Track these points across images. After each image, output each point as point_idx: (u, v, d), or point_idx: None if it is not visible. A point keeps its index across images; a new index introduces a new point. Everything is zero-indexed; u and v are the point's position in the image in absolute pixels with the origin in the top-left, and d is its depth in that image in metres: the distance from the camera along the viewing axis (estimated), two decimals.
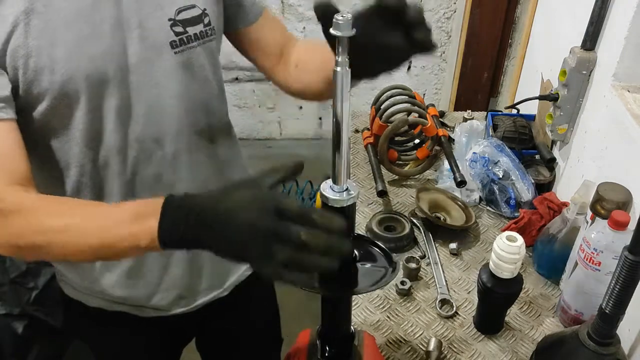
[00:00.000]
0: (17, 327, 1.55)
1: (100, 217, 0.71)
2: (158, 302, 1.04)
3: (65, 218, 0.71)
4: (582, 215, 1.14)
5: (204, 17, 0.90)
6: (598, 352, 0.89)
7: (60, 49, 0.76)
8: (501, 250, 1.00)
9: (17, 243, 0.74)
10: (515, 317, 1.15)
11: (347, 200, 0.67)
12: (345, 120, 0.64)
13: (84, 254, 0.72)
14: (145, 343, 1.12)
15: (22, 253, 0.77)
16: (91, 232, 0.69)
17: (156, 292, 1.02)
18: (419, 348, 1.09)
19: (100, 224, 0.70)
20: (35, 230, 0.72)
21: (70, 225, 0.71)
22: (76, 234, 0.70)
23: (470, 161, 1.43)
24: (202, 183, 0.98)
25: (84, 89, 0.80)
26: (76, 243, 0.70)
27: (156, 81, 0.86)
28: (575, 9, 1.36)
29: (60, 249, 0.71)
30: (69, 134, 0.83)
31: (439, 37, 2.65)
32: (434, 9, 2.55)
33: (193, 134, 0.94)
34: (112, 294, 1.01)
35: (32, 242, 0.72)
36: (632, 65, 1.17)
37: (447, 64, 2.72)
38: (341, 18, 0.59)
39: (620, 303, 0.84)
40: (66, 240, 0.70)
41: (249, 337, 1.25)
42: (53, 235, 0.71)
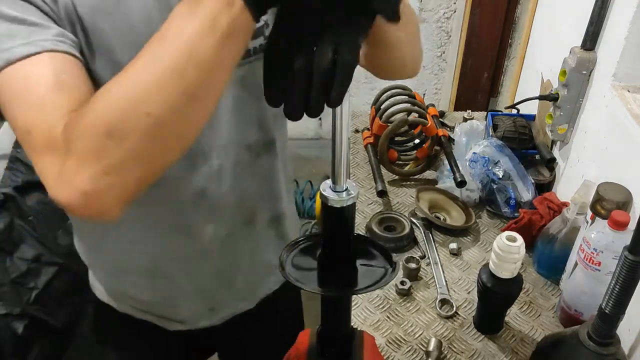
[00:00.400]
0: (17, 327, 1.55)
1: (163, 40, 0.53)
2: (185, 313, 1.00)
3: (131, 65, 0.55)
4: (582, 215, 1.14)
5: (265, 29, 0.82)
6: (598, 352, 0.89)
7: (126, 56, 0.67)
8: (501, 250, 1.00)
9: (103, 126, 0.55)
10: (515, 317, 1.15)
11: (346, 200, 0.67)
12: (345, 121, 0.64)
13: (171, 84, 0.52)
14: (169, 355, 1.10)
15: (115, 137, 0.55)
16: (161, 56, 0.53)
17: (184, 302, 0.99)
18: (419, 348, 1.09)
19: (167, 41, 0.53)
20: (108, 97, 0.56)
21: (138, 62, 0.55)
22: (147, 66, 0.54)
23: (470, 161, 1.43)
24: (245, 196, 0.93)
25: None
26: (154, 73, 0.53)
27: None
28: (575, 9, 1.36)
29: (142, 94, 0.53)
30: None
31: (439, 37, 2.65)
32: (434, 9, 2.55)
33: (241, 149, 0.88)
34: (140, 298, 0.98)
35: (111, 121, 0.54)
36: (632, 65, 1.17)
37: (447, 64, 2.71)
38: None
39: (620, 303, 0.84)
40: (142, 80, 0.53)
41: (273, 351, 1.21)
42: (126, 82, 0.55)
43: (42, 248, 1.57)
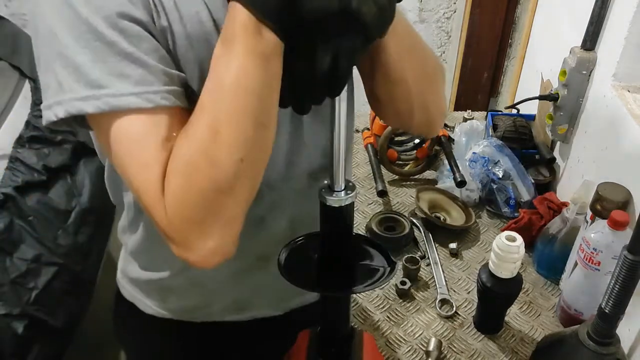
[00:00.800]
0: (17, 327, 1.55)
1: (217, 83, 0.58)
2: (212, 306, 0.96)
3: (198, 121, 0.59)
4: (582, 215, 1.14)
5: None
6: (598, 352, 0.89)
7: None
8: (500, 250, 1.00)
9: (202, 206, 0.59)
10: (515, 317, 1.15)
11: (345, 199, 0.67)
12: (343, 120, 0.64)
13: (248, 118, 0.58)
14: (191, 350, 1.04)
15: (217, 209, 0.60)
16: (225, 97, 0.57)
17: (216, 306, 0.95)
18: (419, 348, 1.09)
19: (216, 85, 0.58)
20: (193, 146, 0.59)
21: (216, 123, 0.58)
22: (219, 111, 0.58)
23: (470, 161, 1.43)
24: (298, 221, 0.88)
25: None
26: (228, 120, 0.57)
27: (285, 128, 0.78)
28: (575, 9, 1.36)
29: (229, 140, 0.57)
30: None
31: (439, 37, 2.65)
32: (434, 9, 2.55)
33: (304, 177, 0.84)
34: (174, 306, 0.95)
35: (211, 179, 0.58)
36: (632, 65, 1.17)
37: (447, 64, 2.71)
38: None
39: (619, 303, 0.84)
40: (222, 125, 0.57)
41: None
42: (212, 140, 0.58)
43: (42, 248, 1.56)
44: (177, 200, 0.58)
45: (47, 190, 1.64)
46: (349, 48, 0.57)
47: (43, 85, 0.62)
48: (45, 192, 1.64)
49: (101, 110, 0.58)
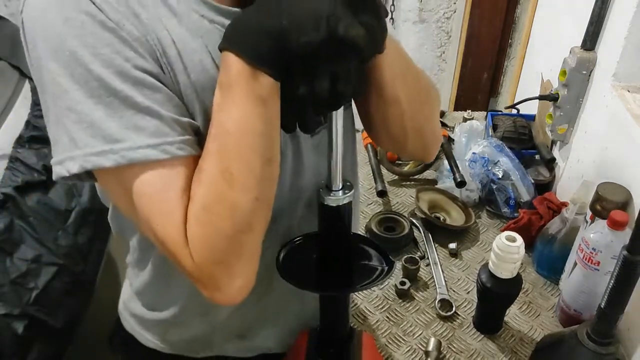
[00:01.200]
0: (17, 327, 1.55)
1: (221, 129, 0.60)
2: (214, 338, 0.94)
3: (210, 167, 0.61)
4: (582, 215, 1.14)
5: None
6: (597, 352, 0.89)
7: None
8: (500, 250, 1.00)
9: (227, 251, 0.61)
10: (515, 317, 1.15)
11: (342, 199, 0.67)
12: (340, 120, 0.64)
13: (256, 158, 0.60)
14: None
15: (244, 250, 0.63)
16: (232, 142, 0.59)
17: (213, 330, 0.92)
18: (419, 348, 1.09)
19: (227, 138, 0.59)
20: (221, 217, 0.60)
21: (227, 167, 0.60)
22: (229, 156, 0.60)
23: (470, 161, 1.43)
24: None
25: None
26: (239, 164, 0.59)
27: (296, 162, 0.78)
28: (575, 9, 1.36)
29: (243, 193, 0.60)
30: None
31: (439, 37, 2.65)
32: (434, 9, 2.55)
33: (310, 205, 0.82)
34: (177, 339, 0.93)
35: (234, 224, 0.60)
36: (632, 65, 1.17)
37: (447, 64, 2.71)
38: None
39: (619, 303, 0.84)
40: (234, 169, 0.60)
41: None
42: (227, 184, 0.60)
43: (42, 248, 1.56)
44: (203, 246, 0.60)
45: (47, 190, 1.64)
46: (345, 70, 0.58)
47: (52, 139, 0.62)
48: (45, 192, 1.64)
49: (119, 164, 0.58)
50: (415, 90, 0.76)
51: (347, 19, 0.54)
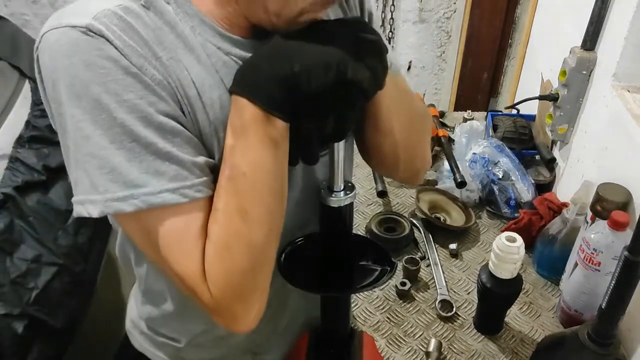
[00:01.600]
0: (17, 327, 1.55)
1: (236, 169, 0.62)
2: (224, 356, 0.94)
3: (226, 206, 0.63)
4: (582, 215, 1.14)
5: None
6: (598, 353, 0.89)
7: None
8: (500, 250, 1.00)
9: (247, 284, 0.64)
10: (515, 317, 1.15)
11: (344, 200, 0.67)
12: None
13: (269, 196, 0.63)
14: None
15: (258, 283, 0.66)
16: (248, 183, 0.62)
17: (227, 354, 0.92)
18: (419, 349, 1.09)
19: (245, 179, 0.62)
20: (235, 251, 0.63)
21: (242, 206, 0.62)
22: (244, 195, 0.62)
23: (470, 162, 1.43)
24: None
25: None
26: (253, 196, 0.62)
27: None
28: (575, 9, 1.36)
29: (259, 228, 0.63)
30: None
31: (439, 37, 2.65)
32: (434, 9, 2.55)
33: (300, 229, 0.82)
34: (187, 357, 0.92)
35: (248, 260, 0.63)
36: (632, 65, 1.16)
37: (447, 64, 2.71)
38: None
39: (619, 303, 0.84)
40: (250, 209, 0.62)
41: None
42: (243, 222, 0.62)
43: (42, 248, 1.56)
44: (222, 282, 0.62)
45: (47, 190, 1.63)
46: (350, 109, 0.62)
47: (73, 179, 0.62)
48: (45, 192, 1.63)
49: (139, 208, 0.59)
50: (408, 121, 0.79)
51: (355, 64, 0.58)
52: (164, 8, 0.62)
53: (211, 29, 0.65)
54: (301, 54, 0.58)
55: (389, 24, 2.59)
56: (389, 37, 2.63)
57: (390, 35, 2.63)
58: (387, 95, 0.69)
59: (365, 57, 0.59)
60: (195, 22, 0.64)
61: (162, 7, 0.62)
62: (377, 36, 0.63)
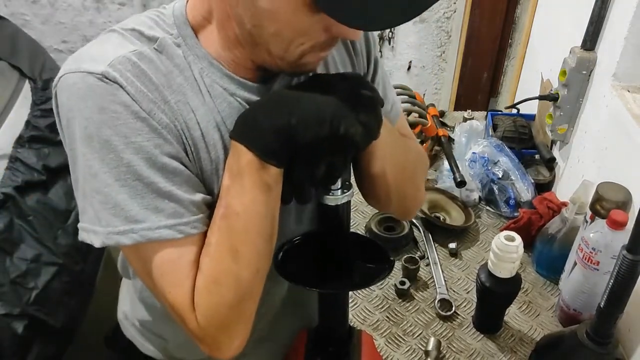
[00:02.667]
0: (17, 327, 1.55)
1: (232, 218, 0.66)
2: None
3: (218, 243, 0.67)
4: (581, 215, 1.14)
5: None
6: (597, 352, 0.89)
7: None
8: (499, 249, 1.00)
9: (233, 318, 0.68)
10: (514, 316, 1.15)
11: (341, 198, 0.67)
12: None
13: (259, 238, 0.67)
14: None
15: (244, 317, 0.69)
16: (240, 223, 0.65)
17: None
18: (418, 348, 1.09)
19: (237, 222, 0.66)
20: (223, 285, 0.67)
21: (235, 247, 0.66)
22: (237, 235, 0.66)
23: (470, 161, 1.43)
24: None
25: None
26: (245, 237, 0.66)
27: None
28: (575, 9, 1.36)
29: (249, 268, 0.67)
30: None
31: (439, 37, 2.65)
32: (434, 9, 2.55)
33: None
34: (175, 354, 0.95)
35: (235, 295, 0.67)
36: (632, 65, 1.17)
37: (447, 64, 2.71)
38: None
39: (618, 302, 0.84)
40: (244, 258, 0.66)
41: None
42: (234, 266, 0.66)
43: (42, 248, 1.56)
44: (209, 313, 0.65)
45: (47, 190, 1.64)
46: (341, 159, 0.65)
47: (80, 207, 0.68)
48: (45, 192, 1.63)
49: (137, 242, 0.63)
50: (401, 166, 0.82)
51: (348, 120, 0.61)
52: (174, 52, 0.66)
53: (219, 70, 0.68)
54: (298, 107, 0.61)
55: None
56: (389, 37, 2.63)
57: (390, 35, 2.63)
58: (381, 143, 0.71)
59: (360, 112, 0.62)
60: (204, 64, 0.67)
61: (173, 51, 0.66)
62: (374, 92, 0.67)
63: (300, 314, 0.95)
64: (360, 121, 0.62)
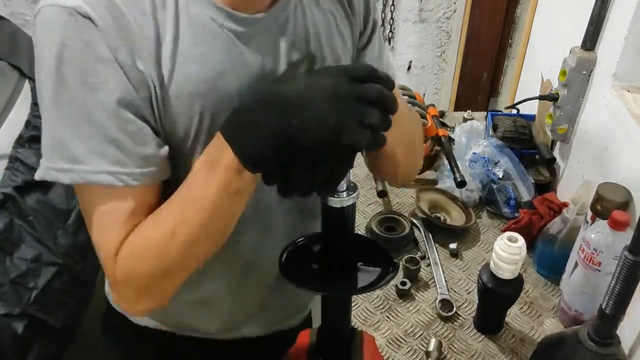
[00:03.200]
0: (17, 327, 1.55)
1: (190, 201, 0.66)
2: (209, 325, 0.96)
3: (165, 224, 0.67)
4: (582, 215, 1.14)
5: None
6: (598, 353, 0.89)
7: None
8: (502, 250, 1.00)
9: (148, 288, 0.69)
10: (516, 317, 1.15)
11: (346, 200, 0.67)
12: None
13: (205, 234, 0.66)
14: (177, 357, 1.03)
15: (161, 293, 0.71)
16: (195, 219, 0.65)
17: (211, 321, 0.95)
18: (419, 348, 1.09)
19: (194, 205, 0.65)
20: (153, 257, 0.67)
21: (175, 226, 0.66)
22: (184, 231, 0.65)
23: (470, 161, 1.43)
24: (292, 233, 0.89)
25: None
26: (190, 237, 0.66)
27: None
28: (575, 9, 1.36)
29: (182, 254, 0.67)
30: None
31: (439, 37, 2.65)
32: (434, 9, 2.55)
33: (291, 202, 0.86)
34: (164, 314, 0.93)
35: (160, 268, 0.67)
36: (632, 65, 1.17)
37: (447, 64, 2.71)
38: None
39: (620, 303, 0.84)
40: (182, 242, 0.66)
41: None
42: (169, 244, 0.66)
43: (42, 248, 1.56)
44: (126, 272, 0.67)
45: (47, 190, 1.63)
46: (345, 166, 0.63)
47: None
48: (45, 192, 1.63)
49: (75, 182, 0.64)
50: (409, 143, 0.83)
51: (352, 127, 0.57)
52: None
53: (207, 1, 0.66)
54: (300, 110, 0.58)
55: (389, 23, 2.59)
56: (389, 37, 2.64)
57: (390, 35, 2.63)
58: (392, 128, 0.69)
59: (366, 116, 0.58)
60: None
61: None
62: (385, 81, 0.61)
63: None
64: (369, 123, 0.58)
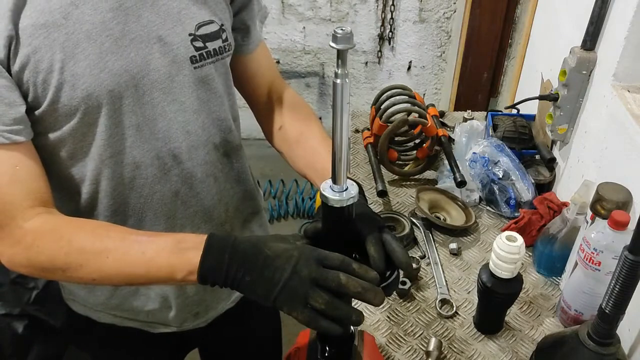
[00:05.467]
0: (17, 327, 1.55)
1: (140, 244, 0.71)
2: (171, 319, 1.03)
3: (105, 241, 0.72)
4: (582, 215, 1.14)
5: (222, 33, 0.88)
6: (598, 352, 0.89)
7: (82, 63, 0.75)
8: (501, 250, 1.00)
9: (44, 265, 0.74)
10: (515, 317, 1.15)
11: (346, 200, 0.67)
12: (345, 118, 0.64)
13: (117, 278, 0.73)
14: (152, 357, 1.11)
15: (46, 274, 0.78)
16: (130, 259, 0.70)
17: (170, 310, 1.01)
18: (419, 348, 1.09)
19: (140, 249, 0.70)
20: (68, 252, 0.72)
21: (110, 249, 0.71)
22: (115, 258, 0.70)
23: (470, 161, 1.43)
24: (217, 197, 0.97)
25: (105, 105, 0.78)
26: (113, 267, 0.71)
27: (175, 97, 0.85)
28: (575, 9, 1.36)
29: (93, 271, 0.72)
30: (87, 150, 0.81)
31: (439, 37, 2.65)
32: (434, 9, 2.55)
33: (209, 149, 0.93)
34: (126, 309, 0.99)
35: (64, 262, 0.72)
36: (632, 65, 1.17)
37: (447, 64, 2.72)
38: (340, 31, 0.58)
39: (620, 303, 0.84)
40: (102, 263, 0.71)
41: (251, 347, 1.24)
42: (90, 256, 0.71)
43: None
44: (18, 250, 0.74)
45: None
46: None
47: None
48: None
49: None
50: None
51: (297, 304, 0.66)
52: None
53: None
54: (282, 287, 0.66)
55: (389, 23, 2.59)
56: (389, 37, 2.64)
57: (390, 35, 2.63)
58: None
59: (310, 300, 0.65)
60: None
61: None
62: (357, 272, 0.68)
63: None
64: (310, 307, 0.66)
